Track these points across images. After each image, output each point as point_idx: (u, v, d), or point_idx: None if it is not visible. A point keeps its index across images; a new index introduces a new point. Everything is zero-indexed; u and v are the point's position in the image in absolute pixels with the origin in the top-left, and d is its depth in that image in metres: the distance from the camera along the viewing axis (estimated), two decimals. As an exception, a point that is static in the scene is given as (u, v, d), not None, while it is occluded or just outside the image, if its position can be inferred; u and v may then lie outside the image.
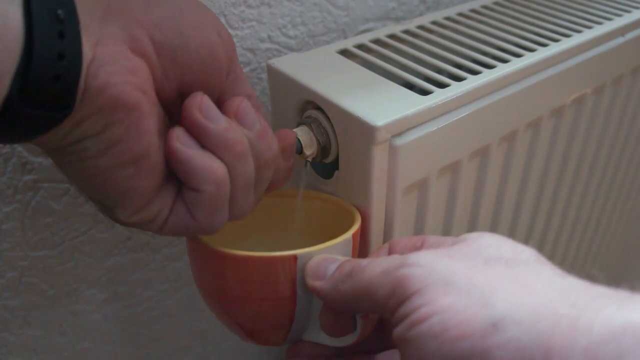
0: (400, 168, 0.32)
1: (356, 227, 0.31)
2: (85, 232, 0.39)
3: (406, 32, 0.41)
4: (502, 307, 0.19)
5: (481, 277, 0.21)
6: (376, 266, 0.24)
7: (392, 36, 0.41)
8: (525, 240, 0.50)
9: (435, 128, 0.32)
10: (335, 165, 0.34)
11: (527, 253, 0.23)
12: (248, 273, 0.27)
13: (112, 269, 0.42)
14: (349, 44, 0.39)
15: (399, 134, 0.31)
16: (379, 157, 0.31)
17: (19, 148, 0.33)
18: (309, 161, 0.34)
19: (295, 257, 0.27)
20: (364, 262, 0.25)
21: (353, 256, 0.31)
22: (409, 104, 0.31)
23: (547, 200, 0.49)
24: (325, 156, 0.34)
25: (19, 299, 0.38)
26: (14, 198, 0.34)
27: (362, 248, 0.34)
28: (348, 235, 0.30)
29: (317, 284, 0.27)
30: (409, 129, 0.31)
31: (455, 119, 0.33)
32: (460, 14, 0.44)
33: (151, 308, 0.46)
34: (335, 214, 0.34)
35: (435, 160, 0.34)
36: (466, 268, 0.22)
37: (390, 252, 0.29)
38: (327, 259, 0.28)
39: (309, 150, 0.33)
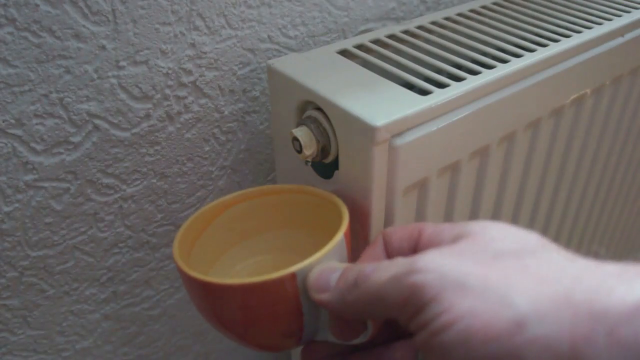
0: (400, 168, 0.32)
1: (345, 224, 0.30)
2: (85, 231, 0.39)
3: (406, 32, 0.41)
4: (522, 303, 0.19)
5: (494, 274, 0.21)
6: (382, 272, 0.23)
7: (392, 36, 0.41)
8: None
9: (435, 128, 0.32)
10: (335, 165, 0.34)
11: (533, 240, 0.23)
12: (248, 299, 0.27)
13: (111, 269, 0.42)
14: (349, 44, 0.39)
15: (398, 134, 0.31)
16: (379, 157, 0.31)
17: (19, 148, 0.33)
18: (309, 161, 0.34)
19: (294, 275, 0.27)
20: (368, 268, 0.25)
21: (348, 254, 0.30)
22: (409, 104, 0.31)
23: (547, 200, 0.49)
24: (325, 156, 0.34)
25: (19, 298, 0.38)
26: (14, 198, 0.35)
27: (362, 249, 0.34)
28: (339, 236, 0.29)
29: (323, 297, 0.26)
30: (408, 129, 0.31)
31: (455, 119, 0.33)
32: (460, 15, 0.44)
33: (151, 308, 0.46)
34: (319, 206, 0.34)
35: (435, 160, 0.34)
36: (477, 266, 0.21)
37: (385, 245, 0.29)
38: (327, 269, 0.27)
39: (309, 150, 0.33)
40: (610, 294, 0.19)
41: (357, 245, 0.35)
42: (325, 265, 0.27)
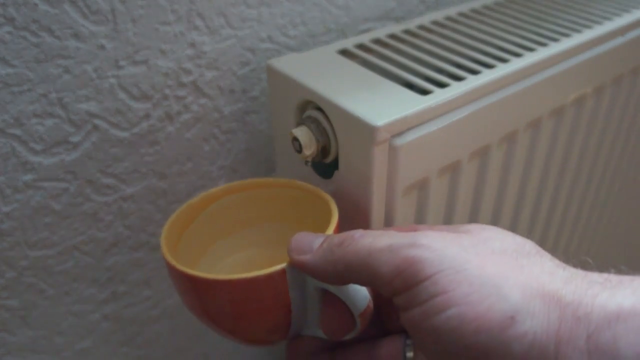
0: (400, 168, 0.31)
1: (334, 220, 0.30)
2: (84, 231, 0.39)
3: (406, 32, 0.41)
4: (516, 298, 0.20)
5: (491, 266, 0.21)
6: (376, 239, 0.23)
7: (392, 36, 0.41)
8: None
9: (435, 128, 0.32)
10: (335, 165, 0.34)
11: (528, 245, 0.24)
12: (237, 294, 0.27)
13: (111, 269, 0.42)
14: (349, 44, 0.39)
15: (399, 134, 0.31)
16: (379, 157, 0.31)
17: (18, 148, 0.33)
18: (308, 161, 0.34)
19: (284, 271, 0.26)
20: (357, 233, 0.24)
21: None
22: (409, 104, 0.31)
23: (547, 200, 0.49)
24: (325, 156, 0.34)
25: (19, 298, 0.38)
26: (13, 198, 0.34)
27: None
28: (330, 232, 0.29)
29: (303, 257, 0.26)
30: (409, 129, 0.31)
31: (455, 119, 0.33)
32: (461, 14, 0.44)
33: (150, 308, 0.46)
34: (309, 201, 0.34)
35: (435, 160, 0.34)
36: (476, 256, 0.22)
37: None
38: (310, 234, 0.27)
39: (309, 150, 0.33)
40: (593, 300, 0.20)
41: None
42: (310, 232, 0.27)
